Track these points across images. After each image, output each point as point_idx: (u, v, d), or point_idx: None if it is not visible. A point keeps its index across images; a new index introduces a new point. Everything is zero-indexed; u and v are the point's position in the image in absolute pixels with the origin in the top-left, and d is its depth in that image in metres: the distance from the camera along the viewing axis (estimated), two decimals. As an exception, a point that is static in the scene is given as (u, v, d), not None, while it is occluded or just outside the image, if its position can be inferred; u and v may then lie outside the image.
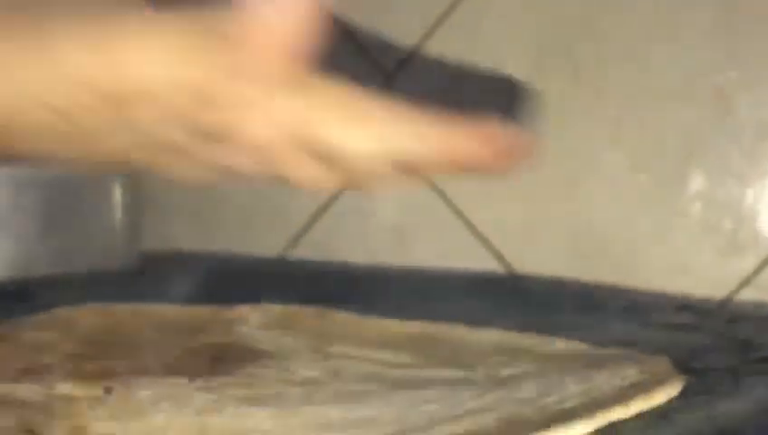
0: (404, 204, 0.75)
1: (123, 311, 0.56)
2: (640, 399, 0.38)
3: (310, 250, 0.77)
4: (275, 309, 0.57)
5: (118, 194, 0.65)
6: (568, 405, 0.38)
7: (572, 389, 0.40)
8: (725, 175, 0.65)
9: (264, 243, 0.78)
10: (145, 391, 0.43)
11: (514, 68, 0.70)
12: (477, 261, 0.72)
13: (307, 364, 0.48)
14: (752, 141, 0.64)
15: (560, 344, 0.51)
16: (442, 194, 0.73)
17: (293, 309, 0.57)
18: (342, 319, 0.57)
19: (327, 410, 0.40)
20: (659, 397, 0.39)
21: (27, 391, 0.43)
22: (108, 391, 0.43)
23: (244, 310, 0.57)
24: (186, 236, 0.79)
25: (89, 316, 0.54)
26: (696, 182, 0.66)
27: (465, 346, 0.52)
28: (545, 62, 0.70)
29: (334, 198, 0.76)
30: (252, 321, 0.56)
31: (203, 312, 0.57)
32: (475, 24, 0.72)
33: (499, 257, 0.72)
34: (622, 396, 0.38)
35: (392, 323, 0.56)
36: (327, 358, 0.50)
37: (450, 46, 0.72)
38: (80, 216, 0.62)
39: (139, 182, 0.69)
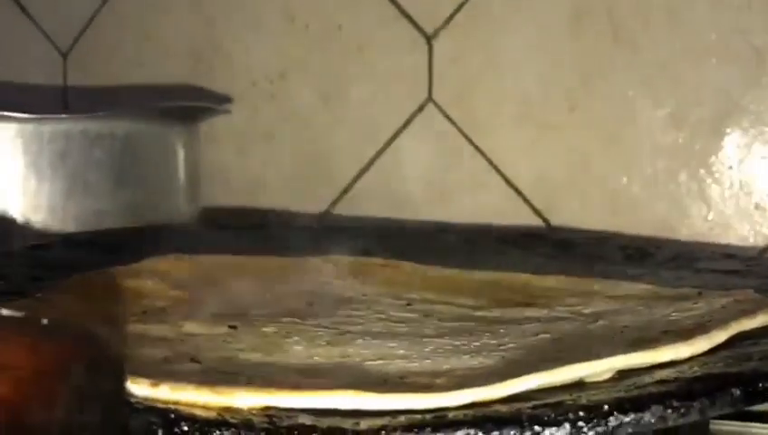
0: (443, 161, 0.77)
1: (207, 261, 0.57)
2: (762, 312, 0.40)
3: (352, 209, 0.79)
4: (344, 260, 0.59)
5: (181, 151, 0.67)
6: (688, 323, 0.40)
7: (676, 316, 0.43)
8: (761, 131, 0.68)
9: (307, 202, 0.79)
10: (269, 328, 0.45)
11: (552, 26, 0.72)
12: (517, 217, 0.74)
13: (395, 308, 0.50)
14: (787, 99, 0.67)
15: (627, 286, 0.52)
16: (481, 150, 0.75)
17: (362, 260, 0.59)
18: (409, 269, 0.59)
19: (447, 340, 0.42)
20: None
21: (160, 329, 0.44)
22: (233, 328, 0.44)
23: (315, 261, 0.59)
24: (232, 195, 0.81)
25: (178, 266, 0.56)
26: (733, 138, 0.68)
27: (535, 291, 0.54)
28: (584, 20, 0.72)
29: (375, 157, 0.78)
30: (325, 271, 0.58)
31: (278, 262, 0.58)
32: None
33: (538, 213, 0.74)
34: (742, 312, 0.41)
35: (456, 273, 0.58)
36: (411, 303, 0.52)
37: (491, 6, 0.74)
38: (147, 172, 0.64)
39: (198, 141, 0.70)
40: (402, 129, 0.77)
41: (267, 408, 0.34)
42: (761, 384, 0.34)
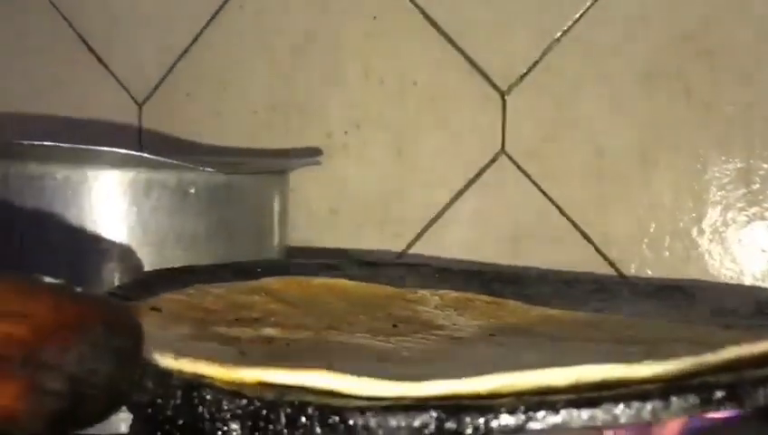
0: (516, 212, 0.78)
1: (320, 284, 0.61)
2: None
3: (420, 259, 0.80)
4: (452, 294, 0.62)
5: (276, 200, 0.71)
6: None
7: None
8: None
9: (379, 248, 0.81)
10: (335, 339, 0.50)
11: (625, 85, 0.75)
12: (590, 269, 0.75)
13: (476, 338, 0.53)
14: None
15: (720, 335, 0.52)
16: (554, 202, 0.77)
17: (468, 295, 0.62)
18: (512, 306, 0.61)
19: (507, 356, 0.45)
20: None
21: (241, 332, 0.50)
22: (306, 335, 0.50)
23: (424, 293, 0.62)
24: (308, 239, 0.83)
25: (291, 285, 0.59)
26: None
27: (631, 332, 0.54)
28: (655, 79, 0.74)
29: (446, 207, 0.80)
30: (430, 302, 0.60)
31: (388, 291, 0.61)
32: (587, 42, 0.76)
33: (612, 265, 0.75)
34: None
35: (557, 312, 0.59)
36: (496, 334, 0.54)
37: (564, 64, 0.77)
38: (244, 220, 0.67)
39: (287, 189, 0.75)
40: (474, 179, 0.79)
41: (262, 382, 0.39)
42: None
